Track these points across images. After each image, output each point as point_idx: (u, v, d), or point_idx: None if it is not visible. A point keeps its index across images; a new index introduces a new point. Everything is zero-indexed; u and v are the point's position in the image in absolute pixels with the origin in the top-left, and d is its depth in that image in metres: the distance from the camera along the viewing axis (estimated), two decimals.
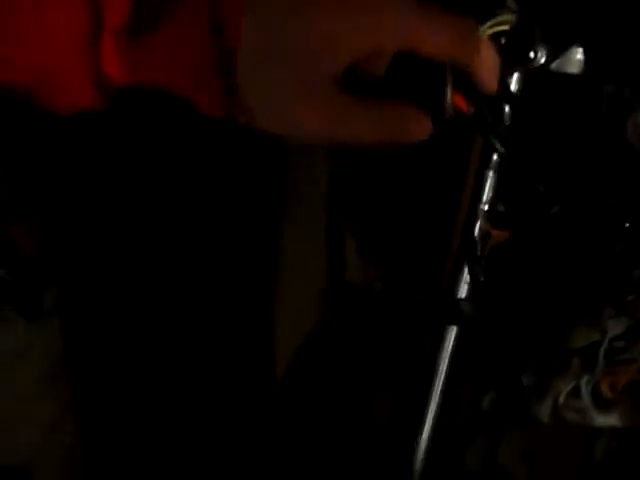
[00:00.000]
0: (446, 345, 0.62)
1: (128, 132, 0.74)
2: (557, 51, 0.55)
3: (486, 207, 0.58)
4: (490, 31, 0.53)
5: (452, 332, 0.62)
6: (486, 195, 0.58)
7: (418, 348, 0.62)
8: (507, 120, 0.55)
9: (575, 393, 0.66)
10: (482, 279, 0.59)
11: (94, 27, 0.41)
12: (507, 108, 0.55)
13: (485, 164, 0.57)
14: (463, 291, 0.60)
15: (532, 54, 0.55)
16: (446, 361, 0.62)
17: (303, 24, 0.42)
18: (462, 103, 0.47)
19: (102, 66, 0.42)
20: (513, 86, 0.55)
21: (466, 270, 0.60)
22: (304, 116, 0.43)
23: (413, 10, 0.43)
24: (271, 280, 0.75)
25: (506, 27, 0.54)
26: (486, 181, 0.58)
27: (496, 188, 0.58)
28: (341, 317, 0.74)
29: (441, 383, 0.62)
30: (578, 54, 0.56)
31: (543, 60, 0.55)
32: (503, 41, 0.53)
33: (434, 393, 0.62)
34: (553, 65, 0.55)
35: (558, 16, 0.56)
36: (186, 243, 0.75)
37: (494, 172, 0.57)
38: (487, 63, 0.47)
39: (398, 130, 0.45)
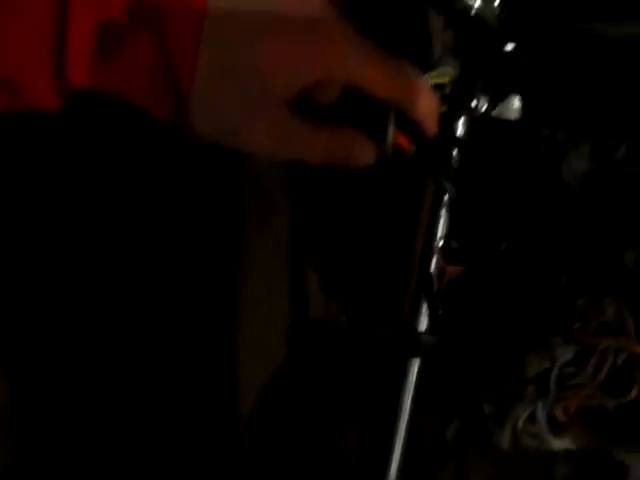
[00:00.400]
0: (409, 377, 0.65)
1: (74, 178, 0.76)
2: (496, 100, 0.61)
3: (440, 244, 0.63)
4: (432, 81, 0.58)
5: (415, 364, 0.65)
6: (440, 232, 0.63)
7: (382, 381, 0.65)
8: (455, 162, 0.60)
9: (532, 419, 0.70)
10: (440, 312, 0.63)
11: (59, 40, 0.44)
12: (454, 151, 0.60)
13: (437, 203, 0.61)
14: (423, 324, 0.64)
15: (474, 103, 0.60)
16: (410, 393, 0.65)
17: (255, 52, 0.46)
18: (404, 141, 0.52)
19: (66, 76, 0.44)
20: (459, 131, 0.60)
21: (425, 304, 0.63)
22: (254, 134, 0.47)
23: (360, 49, 0.48)
24: (234, 318, 0.77)
25: (447, 79, 0.60)
26: (439, 219, 0.62)
27: (449, 226, 0.62)
28: (306, 352, 0.76)
29: (407, 414, 0.65)
30: (516, 102, 0.62)
31: (485, 108, 0.60)
32: (448, 90, 0.58)
33: (400, 424, 0.65)
34: (494, 112, 0.61)
35: (496, 69, 0.62)
36: (144, 283, 0.77)
37: (446, 211, 0.62)
38: (427, 108, 0.51)
39: (344, 154, 0.49)
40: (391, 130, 0.51)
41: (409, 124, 0.52)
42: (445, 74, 0.60)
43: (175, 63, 0.45)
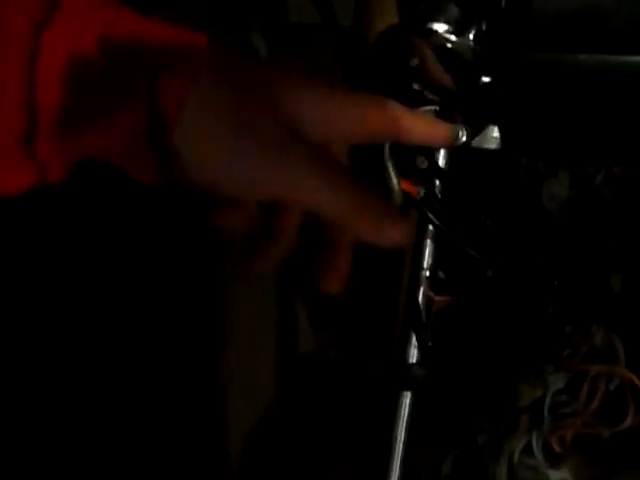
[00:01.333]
0: (402, 411, 0.65)
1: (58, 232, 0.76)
2: (475, 131, 0.62)
3: (427, 274, 0.63)
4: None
5: (407, 398, 0.65)
6: (426, 263, 0.63)
7: (375, 415, 0.64)
8: (437, 192, 0.61)
9: (528, 450, 0.69)
10: (430, 344, 0.63)
11: (30, 128, 0.42)
12: (437, 182, 0.61)
13: (422, 234, 0.62)
14: (414, 356, 0.64)
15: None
16: (403, 426, 0.64)
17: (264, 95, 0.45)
18: (408, 187, 0.54)
19: (39, 156, 0.43)
20: (440, 162, 0.62)
21: (414, 335, 0.63)
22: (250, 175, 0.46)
23: (356, 101, 0.48)
24: (221, 353, 0.77)
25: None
26: (425, 250, 0.62)
27: (435, 256, 0.63)
28: (296, 388, 0.76)
29: (401, 449, 0.64)
30: (494, 132, 0.63)
31: (464, 139, 0.62)
32: None
33: (394, 460, 0.64)
34: (473, 142, 0.62)
35: (474, 101, 0.63)
36: (130, 329, 0.76)
37: (432, 241, 0.62)
38: (426, 128, 0.52)
39: None
40: (394, 179, 0.53)
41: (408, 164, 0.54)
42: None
43: (161, 112, 0.43)
